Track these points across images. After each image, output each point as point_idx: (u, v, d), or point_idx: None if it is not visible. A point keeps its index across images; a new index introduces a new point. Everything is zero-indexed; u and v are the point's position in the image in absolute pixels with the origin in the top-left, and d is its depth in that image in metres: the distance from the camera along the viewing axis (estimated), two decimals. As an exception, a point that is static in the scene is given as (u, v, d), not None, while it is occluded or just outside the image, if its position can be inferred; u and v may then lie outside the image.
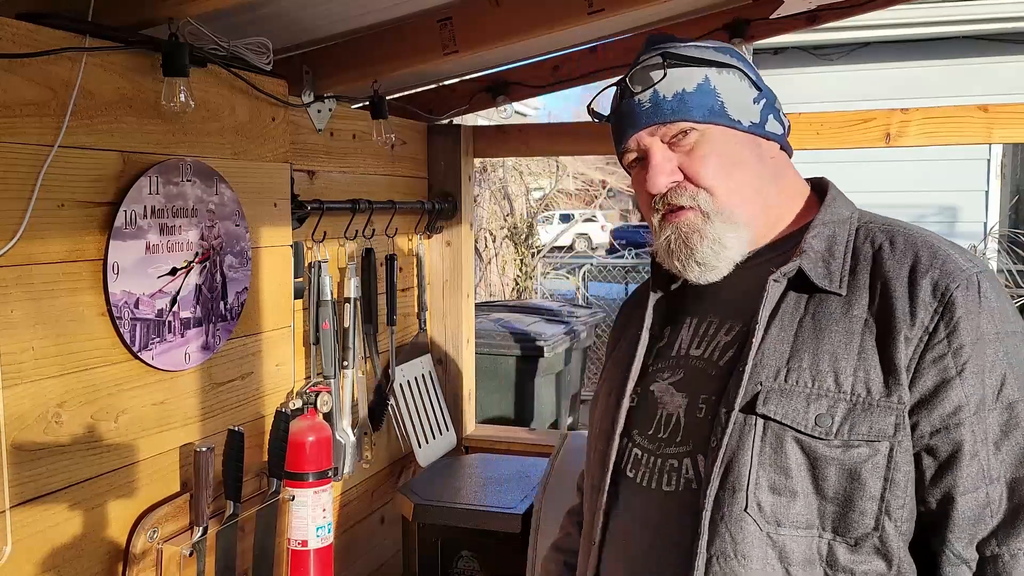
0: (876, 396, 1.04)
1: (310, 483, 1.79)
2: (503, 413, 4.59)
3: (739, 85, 1.17)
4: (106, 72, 1.39)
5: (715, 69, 1.16)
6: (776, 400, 1.07)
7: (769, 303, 1.11)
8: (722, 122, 1.15)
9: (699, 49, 1.19)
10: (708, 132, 1.15)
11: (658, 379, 1.21)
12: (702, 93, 1.15)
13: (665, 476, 1.15)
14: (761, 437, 1.07)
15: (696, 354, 1.19)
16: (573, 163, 10.89)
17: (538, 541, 1.92)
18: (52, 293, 1.31)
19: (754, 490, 1.06)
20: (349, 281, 2.11)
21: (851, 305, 1.09)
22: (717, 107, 1.15)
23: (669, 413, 1.18)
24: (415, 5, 1.84)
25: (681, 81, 1.15)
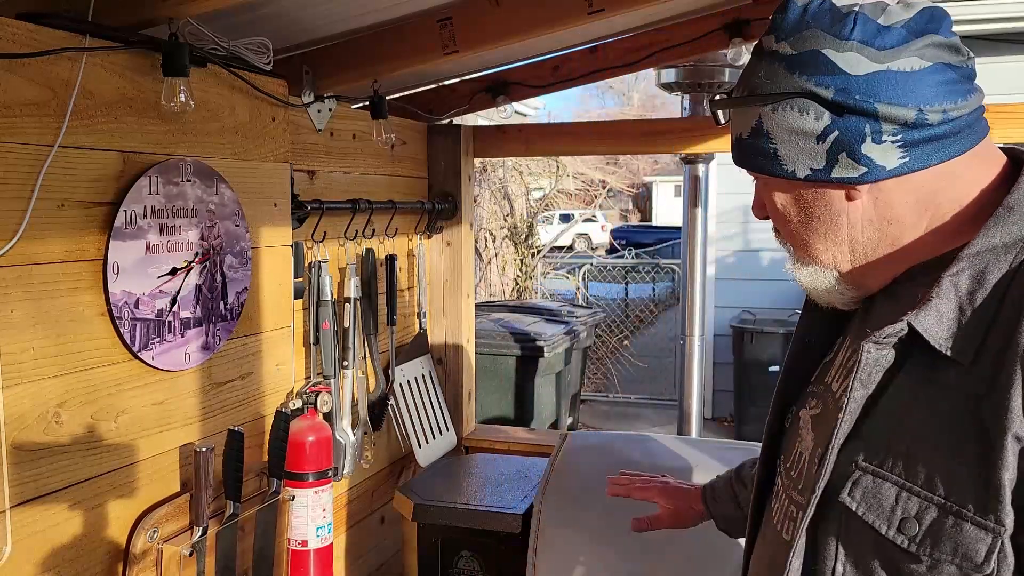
0: (971, 510, 0.83)
1: (310, 483, 1.79)
2: (503, 413, 4.59)
3: (798, 122, 0.93)
4: (106, 72, 1.39)
5: (771, 107, 0.94)
6: (864, 489, 0.90)
7: (864, 371, 0.91)
8: (774, 173, 0.97)
9: (765, 75, 0.96)
10: (764, 182, 1.01)
11: (807, 405, 1.07)
12: (756, 137, 0.97)
13: (786, 522, 1.04)
14: (845, 527, 0.92)
15: (834, 388, 1.02)
16: (573, 163, 10.88)
17: (538, 541, 1.92)
18: (52, 293, 1.31)
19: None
20: (349, 281, 2.11)
21: (970, 377, 0.85)
22: (769, 156, 0.96)
23: (801, 452, 1.04)
24: (415, 5, 1.84)
25: (739, 124, 1.00)
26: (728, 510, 1.50)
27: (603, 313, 6.58)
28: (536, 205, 10.35)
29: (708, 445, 2.18)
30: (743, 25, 2.26)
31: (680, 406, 3.95)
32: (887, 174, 0.91)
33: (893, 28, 0.89)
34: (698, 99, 3.50)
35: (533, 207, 10.14)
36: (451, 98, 2.56)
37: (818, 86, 0.91)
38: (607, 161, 16.92)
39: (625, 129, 2.74)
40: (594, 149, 2.84)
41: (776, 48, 0.95)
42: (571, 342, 4.84)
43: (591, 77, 2.46)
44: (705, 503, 1.54)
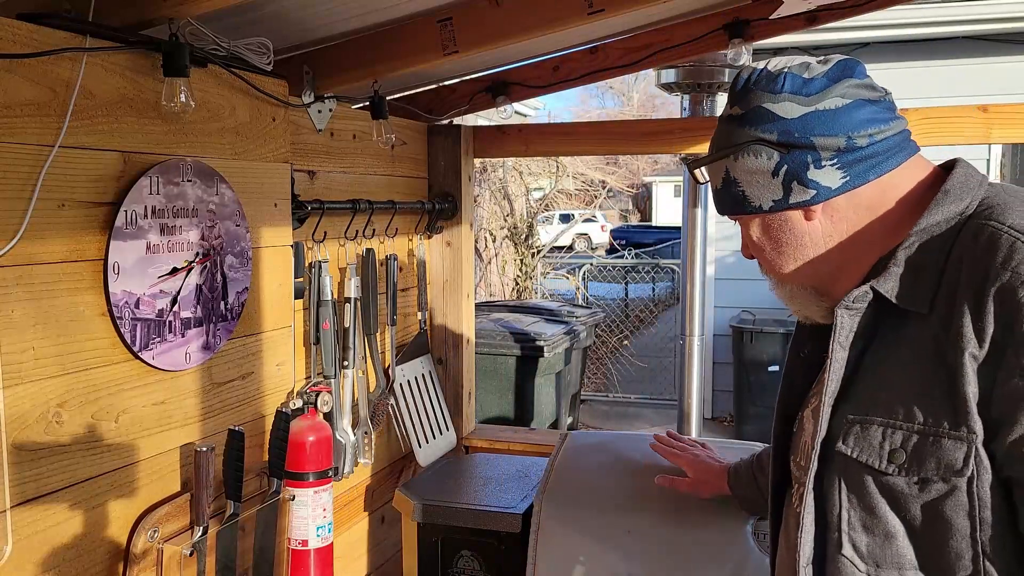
0: (946, 427, 0.98)
1: (310, 483, 1.79)
2: (503, 413, 4.59)
3: (755, 164, 1.12)
4: (106, 72, 1.39)
5: (733, 156, 1.14)
6: (855, 436, 1.04)
7: (841, 334, 1.07)
8: (746, 212, 1.16)
9: (726, 131, 1.16)
10: (742, 222, 1.20)
11: (808, 404, 1.22)
12: (726, 186, 1.17)
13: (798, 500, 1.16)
14: (844, 474, 1.06)
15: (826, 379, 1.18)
16: (573, 163, 10.89)
17: (538, 541, 1.92)
18: (52, 293, 1.31)
19: (847, 530, 1.05)
20: (349, 281, 2.11)
21: (929, 324, 1.02)
22: (740, 198, 1.15)
23: (804, 440, 1.19)
24: (415, 5, 1.84)
25: (714, 179, 1.19)
26: (749, 492, 1.71)
27: (603, 313, 6.58)
28: (536, 205, 10.36)
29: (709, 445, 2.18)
30: (743, 25, 2.26)
31: (680, 406, 3.95)
32: (834, 193, 1.10)
33: (815, 78, 1.09)
34: (698, 99, 3.51)
35: (533, 207, 10.14)
36: (451, 98, 2.56)
37: (764, 132, 1.10)
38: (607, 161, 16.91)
39: (625, 129, 2.74)
40: (594, 149, 2.84)
41: (731, 112, 1.15)
42: (571, 342, 4.84)
43: (591, 77, 2.46)
44: (729, 484, 1.76)
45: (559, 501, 1.95)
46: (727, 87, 3.43)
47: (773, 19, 2.22)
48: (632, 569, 1.83)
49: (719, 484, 1.78)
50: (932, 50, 6.24)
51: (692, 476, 1.83)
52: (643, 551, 1.84)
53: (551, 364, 4.64)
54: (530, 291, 9.47)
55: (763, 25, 2.26)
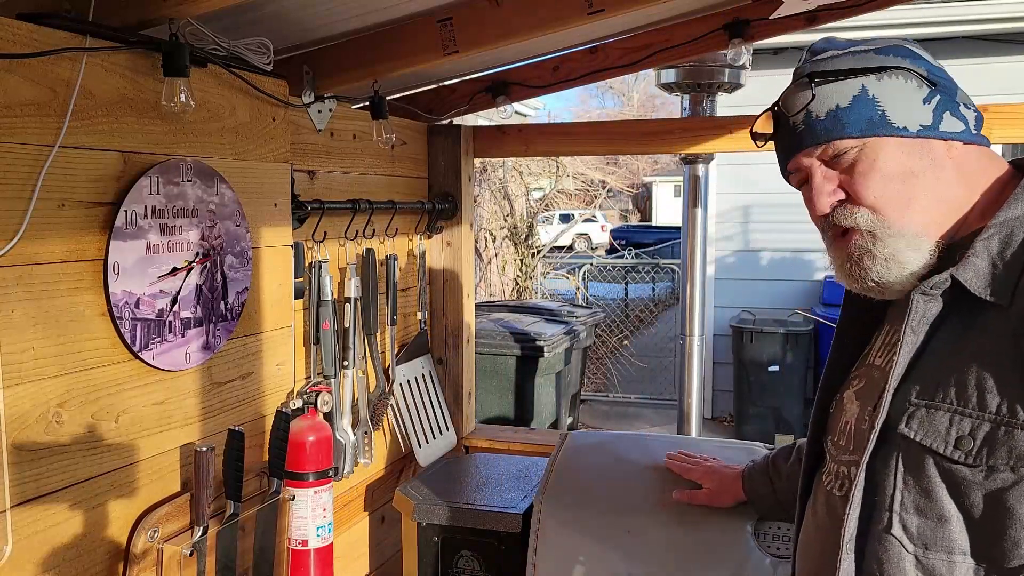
0: (1021, 418, 0.98)
1: (310, 483, 1.79)
2: (503, 413, 4.59)
3: (904, 87, 1.10)
4: (106, 72, 1.39)
5: (874, 76, 1.09)
6: (919, 419, 1.04)
7: (915, 318, 1.06)
8: (884, 132, 1.09)
9: (857, 56, 1.12)
10: (869, 145, 1.10)
11: (850, 386, 1.22)
12: (859, 105, 1.10)
13: (839, 481, 1.16)
14: (903, 457, 1.06)
15: (877, 363, 1.18)
16: (573, 163, 10.89)
17: (538, 541, 1.92)
18: (52, 293, 1.31)
19: (899, 511, 1.05)
20: (349, 281, 2.11)
21: (1007, 317, 1.01)
22: (877, 117, 1.09)
23: (847, 421, 1.18)
24: (415, 5, 1.84)
25: (834, 97, 1.11)
26: (765, 497, 1.71)
27: (603, 313, 6.58)
28: (536, 205, 10.36)
29: (708, 444, 2.18)
30: (743, 25, 2.26)
31: (680, 406, 3.95)
32: (972, 137, 1.11)
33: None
34: (698, 99, 3.51)
35: (533, 207, 10.15)
36: (451, 98, 2.56)
37: (913, 65, 1.10)
38: (607, 161, 16.92)
39: (625, 129, 2.74)
40: (594, 149, 2.84)
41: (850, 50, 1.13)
42: (571, 342, 4.84)
43: (591, 77, 2.46)
44: (744, 488, 1.75)
45: (559, 501, 1.95)
46: (727, 87, 3.43)
47: (773, 19, 2.22)
48: (632, 569, 1.83)
49: (736, 491, 1.77)
50: (932, 50, 6.17)
51: (709, 487, 1.82)
52: (643, 551, 1.84)
53: (551, 364, 4.64)
54: (530, 291, 9.47)
55: (763, 25, 2.26)
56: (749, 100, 4.94)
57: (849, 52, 1.12)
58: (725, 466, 1.85)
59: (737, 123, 2.44)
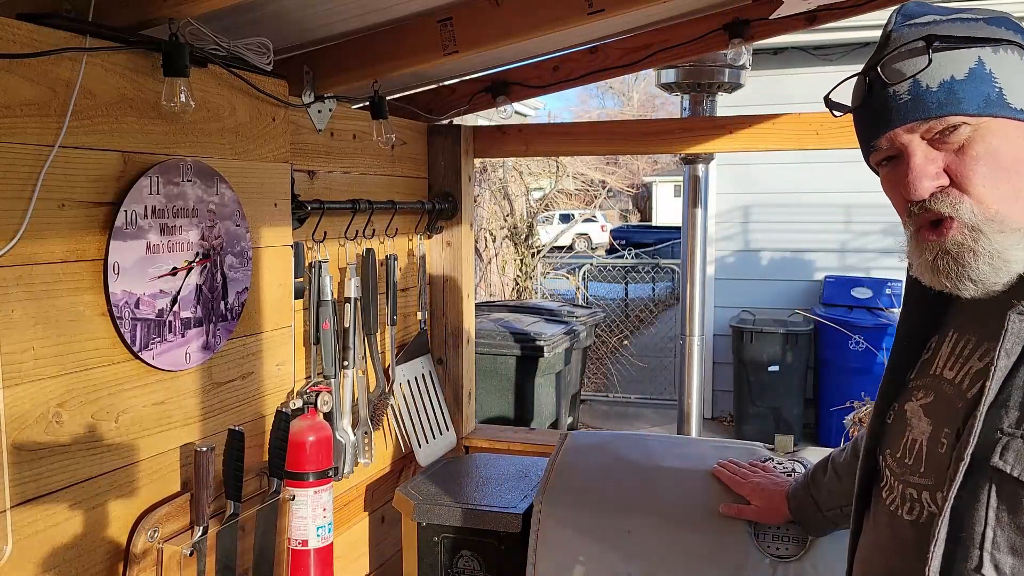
0: None
1: (310, 483, 1.79)
2: (503, 413, 4.59)
3: (1020, 64, 0.97)
4: (106, 72, 1.39)
5: (990, 48, 0.97)
6: (1016, 452, 0.94)
7: (1010, 340, 0.96)
8: (1001, 113, 0.96)
9: (968, 24, 0.99)
10: (983, 126, 0.97)
11: (913, 398, 1.12)
12: (976, 79, 0.96)
13: (907, 504, 1.08)
14: (997, 492, 0.96)
15: (948, 376, 1.07)
16: (573, 163, 10.89)
17: (538, 541, 1.92)
18: (52, 293, 1.32)
19: (990, 549, 0.96)
20: (349, 281, 2.11)
21: None
22: (995, 95, 0.96)
23: (914, 439, 1.09)
24: (415, 5, 1.84)
25: (949, 66, 0.97)
26: (811, 514, 1.67)
27: (603, 313, 6.58)
28: (536, 205, 10.36)
29: (708, 444, 2.18)
30: (743, 25, 2.26)
31: (680, 406, 3.95)
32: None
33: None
34: (698, 99, 3.51)
35: (533, 207, 10.15)
36: (451, 98, 2.56)
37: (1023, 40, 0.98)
38: (607, 161, 16.93)
39: (625, 129, 2.74)
40: (594, 149, 2.84)
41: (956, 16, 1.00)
42: (571, 342, 4.84)
43: (591, 77, 2.47)
44: (790, 507, 1.72)
45: (559, 501, 1.95)
46: (727, 87, 3.43)
47: (773, 19, 2.22)
48: (632, 569, 1.83)
49: (784, 510, 1.74)
50: (932, 50, 6.24)
51: (757, 505, 1.79)
52: (643, 551, 1.84)
53: (551, 364, 4.64)
54: (530, 291, 9.47)
55: (763, 25, 2.27)
56: (749, 100, 4.96)
57: (956, 18, 0.99)
58: (773, 483, 1.81)
59: (737, 123, 2.44)
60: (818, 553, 1.75)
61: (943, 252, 1.00)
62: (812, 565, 1.75)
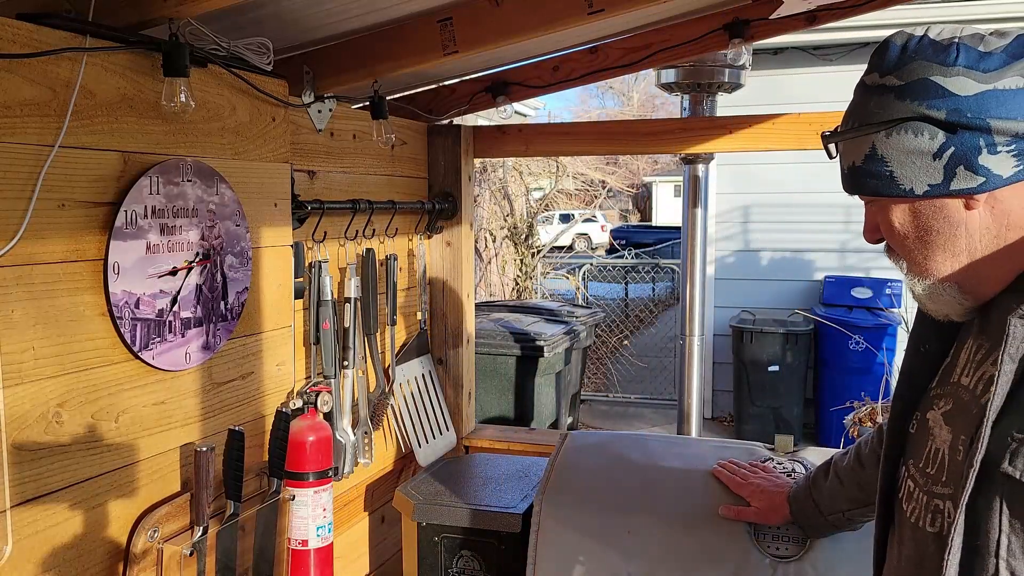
0: None
1: (310, 483, 1.79)
2: (503, 413, 4.59)
3: (914, 143, 1.00)
4: (106, 72, 1.39)
5: (884, 132, 1.02)
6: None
7: (1012, 345, 0.98)
8: (891, 194, 1.04)
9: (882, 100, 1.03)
10: (881, 206, 1.07)
11: (934, 406, 1.13)
12: (870, 163, 1.04)
13: (930, 515, 1.08)
14: (1009, 498, 0.96)
15: (965, 383, 1.08)
16: (573, 163, 10.89)
17: (538, 541, 1.92)
18: (52, 293, 1.31)
19: (1006, 556, 0.97)
20: (349, 281, 2.11)
21: None
22: (885, 178, 1.03)
23: (936, 447, 1.09)
24: (415, 5, 1.84)
25: (851, 154, 1.07)
26: (812, 518, 1.68)
27: (603, 313, 6.58)
28: (536, 205, 10.36)
29: (708, 444, 2.18)
30: (743, 25, 2.26)
31: (680, 406, 3.95)
32: (1004, 182, 0.99)
33: (994, 54, 0.98)
34: (698, 99, 3.51)
35: (533, 207, 10.15)
36: (451, 98, 2.56)
37: (930, 109, 0.99)
38: (607, 161, 16.93)
39: (625, 129, 2.74)
40: (594, 149, 2.84)
41: (882, 82, 1.03)
42: (571, 342, 4.84)
43: (591, 77, 2.47)
44: (791, 510, 1.73)
45: (559, 501, 1.95)
46: (727, 87, 3.43)
47: (773, 19, 2.22)
48: (632, 569, 1.83)
49: (784, 512, 1.74)
50: (932, 50, 6.25)
51: (758, 506, 1.79)
52: (643, 551, 1.84)
53: (551, 364, 4.64)
54: (530, 291, 9.47)
55: (763, 25, 2.27)
56: (749, 100, 4.95)
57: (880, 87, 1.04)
58: (774, 484, 1.81)
59: (737, 123, 2.44)
60: (818, 553, 1.75)
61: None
62: (812, 565, 1.75)
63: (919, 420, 1.15)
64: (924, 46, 1.01)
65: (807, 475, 1.71)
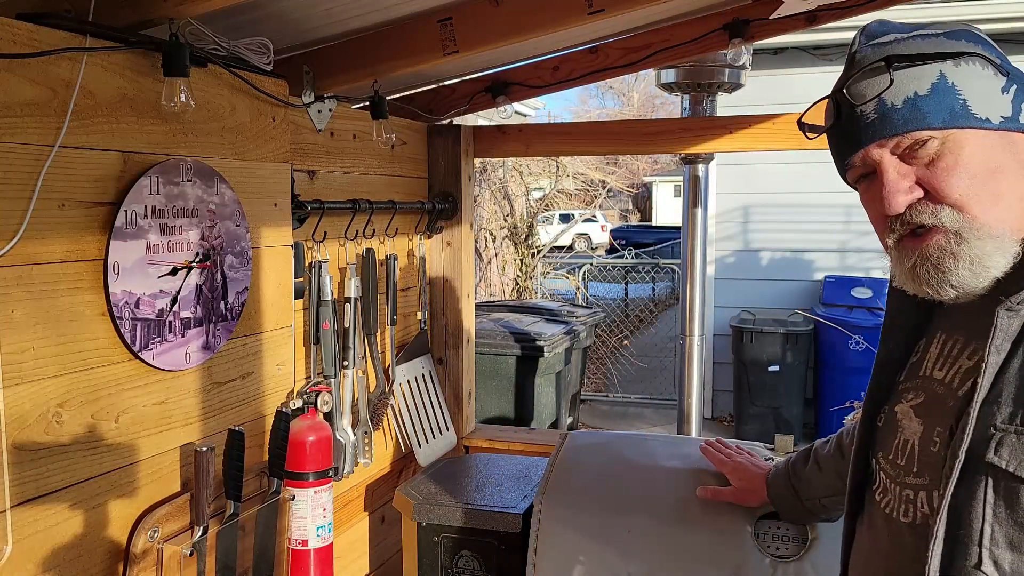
0: None
1: (310, 483, 1.79)
2: (503, 413, 4.59)
3: (982, 75, 1.00)
4: (106, 72, 1.39)
5: (951, 62, 1.00)
6: (1011, 446, 0.95)
7: (999, 336, 0.97)
8: (967, 124, 0.99)
9: (928, 40, 1.02)
10: (951, 138, 1.00)
11: (902, 400, 1.13)
12: (939, 93, 0.99)
13: (903, 506, 1.08)
14: (993, 488, 0.97)
15: (938, 377, 1.08)
16: (573, 163, 10.89)
17: (538, 541, 1.92)
18: (52, 293, 1.31)
19: (989, 545, 0.97)
20: (349, 281, 2.11)
21: None
22: (959, 107, 0.99)
23: (906, 439, 1.10)
24: (415, 5, 1.84)
25: (912, 83, 1.00)
26: (789, 502, 1.69)
27: (603, 313, 6.58)
28: (536, 205, 10.36)
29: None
30: (743, 25, 2.26)
31: (680, 406, 3.95)
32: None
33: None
34: (698, 99, 3.51)
35: (533, 207, 10.15)
36: (451, 98, 2.56)
37: (986, 51, 1.01)
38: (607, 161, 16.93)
39: (625, 129, 2.74)
40: (594, 149, 2.84)
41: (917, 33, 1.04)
42: (571, 342, 4.84)
43: (591, 77, 2.47)
44: (768, 494, 1.73)
45: (559, 501, 1.95)
46: (727, 87, 3.43)
47: (773, 19, 2.22)
48: (632, 569, 1.83)
49: (762, 492, 1.75)
50: (932, 50, 6.24)
51: (736, 484, 1.80)
52: (643, 551, 1.84)
53: (551, 364, 4.64)
54: (530, 291, 9.47)
55: (763, 25, 2.27)
56: (749, 100, 4.95)
57: (916, 35, 1.03)
58: (754, 464, 1.82)
59: (737, 123, 2.44)
60: (818, 553, 1.75)
61: (923, 258, 1.02)
62: (812, 565, 1.75)
63: (887, 413, 1.16)
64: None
65: (787, 460, 1.71)
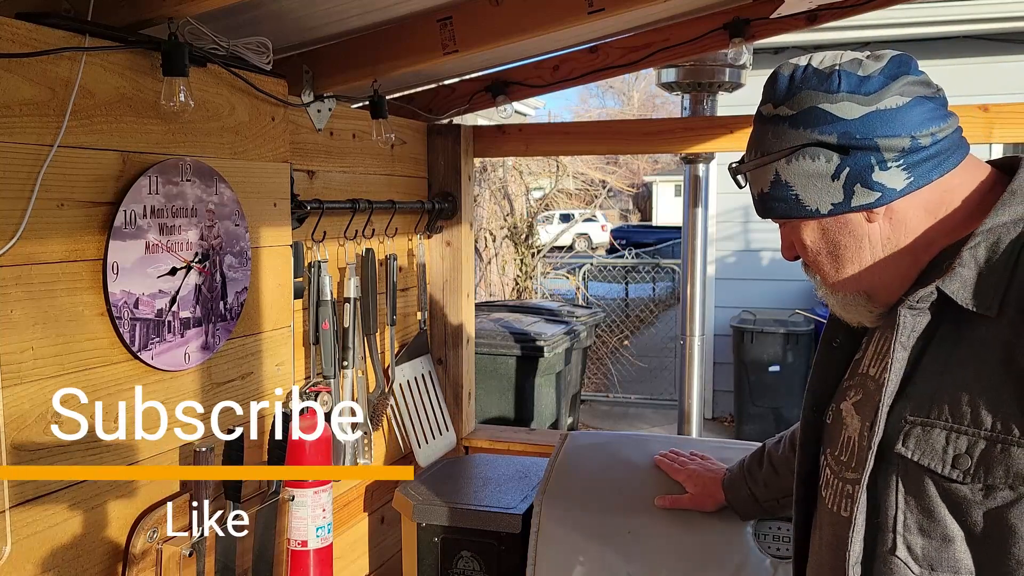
0: (1016, 434, 0.95)
1: (310, 483, 1.79)
2: (503, 413, 4.59)
3: (812, 168, 1.08)
4: (106, 72, 1.39)
5: (784, 160, 1.09)
6: (916, 438, 1.02)
7: (903, 333, 1.05)
8: (799, 215, 1.11)
9: (778, 131, 1.10)
10: (791, 225, 1.15)
11: (846, 397, 1.19)
12: (776, 189, 1.11)
13: (842, 500, 1.14)
14: (903, 477, 1.04)
15: (871, 373, 1.15)
16: (573, 163, 10.88)
17: (538, 541, 1.92)
18: (52, 293, 1.31)
19: (902, 531, 1.04)
20: (349, 281, 2.11)
21: (998, 327, 0.99)
22: (791, 201, 1.11)
23: (848, 436, 1.16)
24: (415, 5, 1.84)
25: (758, 182, 1.15)
26: (746, 503, 1.73)
27: (603, 313, 6.58)
28: (536, 205, 10.36)
29: (708, 445, 2.18)
30: (743, 25, 2.26)
31: (680, 406, 3.95)
32: (898, 194, 1.06)
33: (872, 77, 1.05)
34: (698, 99, 3.50)
35: (533, 207, 10.14)
36: (451, 98, 2.56)
37: (822, 134, 1.06)
38: (607, 161, 16.93)
39: (625, 129, 2.74)
40: (594, 149, 2.84)
41: (776, 112, 1.11)
42: (571, 342, 4.84)
43: (591, 77, 2.46)
44: (725, 495, 1.77)
45: (559, 501, 1.95)
46: (728, 86, 3.42)
47: (773, 18, 2.22)
48: (632, 569, 1.83)
49: (718, 496, 1.78)
50: (932, 50, 6.24)
51: (692, 491, 1.83)
52: (643, 551, 1.84)
53: (551, 364, 4.64)
54: (530, 291, 9.46)
55: (763, 25, 2.26)
56: (750, 99, 4.94)
57: (777, 120, 1.11)
58: (708, 470, 1.85)
59: (737, 122, 2.44)
60: (818, 553, 1.75)
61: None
62: (812, 565, 1.75)
63: (834, 411, 1.21)
64: (809, 75, 1.08)
65: (741, 463, 1.75)
